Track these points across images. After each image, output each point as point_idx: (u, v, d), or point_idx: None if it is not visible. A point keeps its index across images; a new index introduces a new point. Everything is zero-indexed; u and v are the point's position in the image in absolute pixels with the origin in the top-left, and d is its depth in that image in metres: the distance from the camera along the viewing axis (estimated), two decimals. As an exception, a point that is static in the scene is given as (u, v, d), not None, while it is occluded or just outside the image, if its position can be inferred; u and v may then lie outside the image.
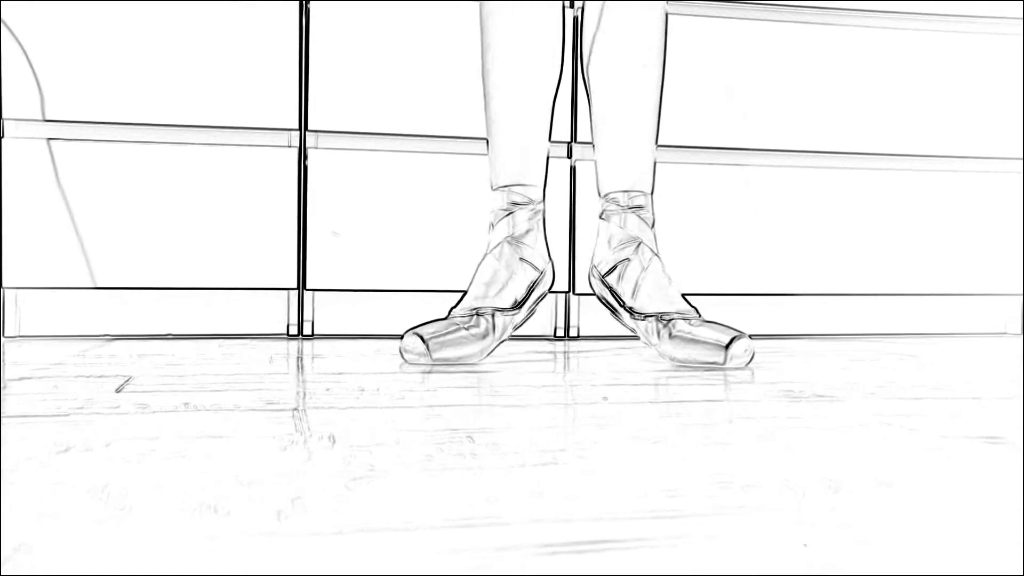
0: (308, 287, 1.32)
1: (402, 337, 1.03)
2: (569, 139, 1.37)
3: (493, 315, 1.05)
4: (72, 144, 1.25)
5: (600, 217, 1.13)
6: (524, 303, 1.08)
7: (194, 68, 1.27)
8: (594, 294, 1.14)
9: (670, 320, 1.05)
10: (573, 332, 1.40)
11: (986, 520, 0.46)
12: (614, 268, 1.10)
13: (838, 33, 1.43)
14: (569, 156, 1.38)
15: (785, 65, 1.42)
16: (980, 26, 1.48)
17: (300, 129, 1.31)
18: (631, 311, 1.08)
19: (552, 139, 1.34)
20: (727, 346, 0.99)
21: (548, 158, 1.11)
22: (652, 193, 1.12)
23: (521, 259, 1.09)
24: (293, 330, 1.33)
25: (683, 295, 1.08)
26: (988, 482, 0.54)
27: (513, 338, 1.32)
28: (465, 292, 1.08)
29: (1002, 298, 1.53)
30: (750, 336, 1.03)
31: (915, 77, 1.46)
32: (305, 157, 1.31)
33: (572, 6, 1.36)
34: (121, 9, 1.25)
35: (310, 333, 1.34)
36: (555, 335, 1.39)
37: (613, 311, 1.12)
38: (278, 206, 1.30)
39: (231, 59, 1.28)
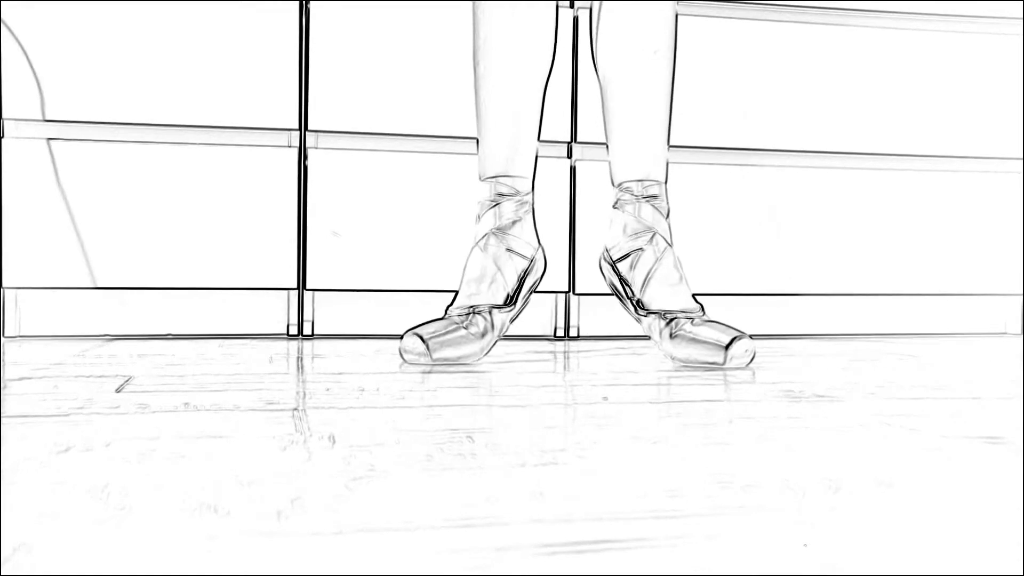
0: (308, 287, 1.32)
1: (402, 337, 1.03)
2: (569, 139, 1.37)
3: (490, 312, 1.05)
4: (72, 144, 1.25)
5: (614, 207, 1.12)
6: (517, 296, 1.08)
7: (194, 68, 1.27)
8: (603, 278, 1.13)
9: (673, 319, 1.04)
10: (573, 332, 1.40)
11: (986, 520, 0.46)
12: (626, 256, 1.09)
13: (839, 33, 1.43)
14: (569, 156, 1.37)
15: (785, 65, 1.42)
16: (980, 26, 1.48)
17: (300, 129, 1.31)
18: (638, 304, 1.08)
19: (551, 138, 1.35)
20: (727, 346, 0.99)
21: (537, 152, 1.11)
22: (666, 183, 1.11)
23: (508, 250, 1.08)
24: (293, 330, 1.33)
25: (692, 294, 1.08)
26: (988, 482, 0.54)
27: (513, 338, 1.32)
28: (458, 291, 1.08)
29: (1002, 298, 1.53)
30: (751, 336, 1.03)
31: (915, 77, 1.46)
32: (305, 157, 1.31)
33: (572, 6, 1.36)
34: (121, 9, 1.25)
35: (310, 333, 1.34)
36: (555, 335, 1.39)
37: (620, 299, 1.11)
38: (278, 206, 1.30)
39: (231, 59, 1.28)
